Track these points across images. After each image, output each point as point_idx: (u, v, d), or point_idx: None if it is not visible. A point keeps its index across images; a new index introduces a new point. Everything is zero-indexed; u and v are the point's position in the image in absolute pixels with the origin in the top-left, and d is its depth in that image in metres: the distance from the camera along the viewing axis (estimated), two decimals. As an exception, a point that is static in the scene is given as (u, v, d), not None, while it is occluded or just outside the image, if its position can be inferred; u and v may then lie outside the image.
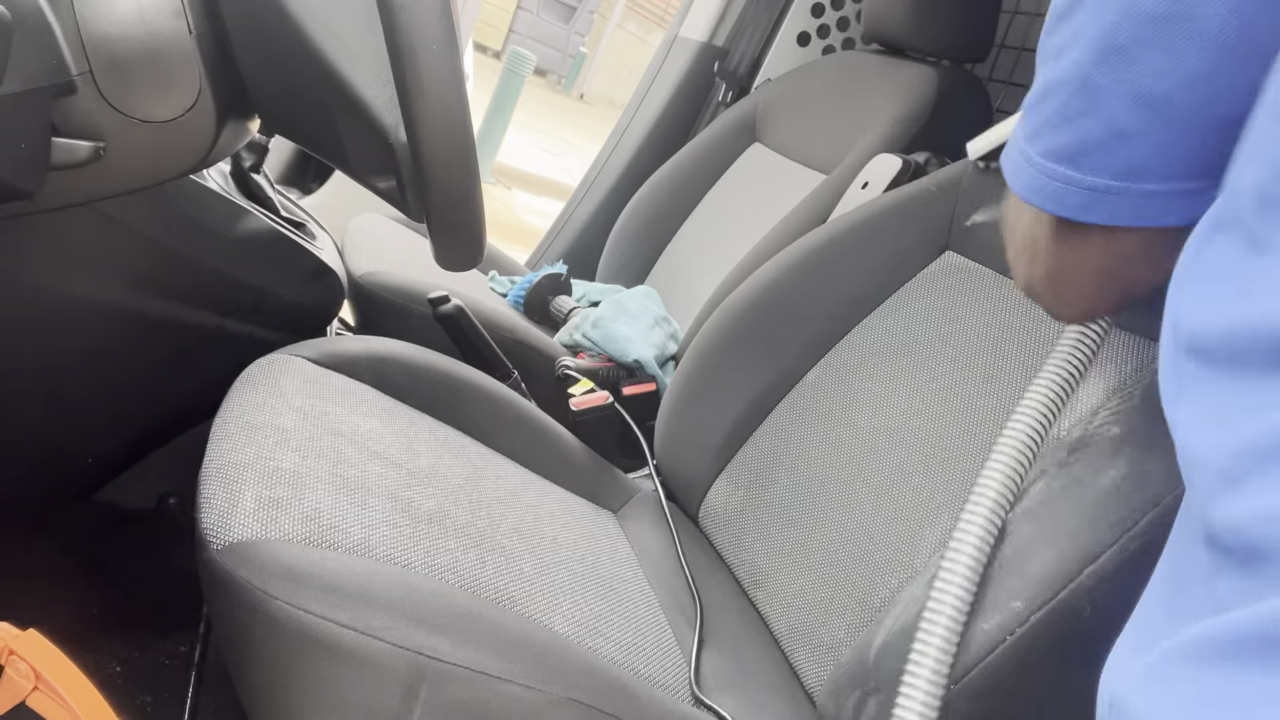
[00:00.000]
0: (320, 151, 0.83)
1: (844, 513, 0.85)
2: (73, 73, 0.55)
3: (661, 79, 1.83)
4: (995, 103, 1.50)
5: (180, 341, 0.93)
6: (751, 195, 1.56)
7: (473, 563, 0.68)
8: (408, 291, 1.23)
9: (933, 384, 0.85)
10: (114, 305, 0.82)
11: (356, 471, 0.70)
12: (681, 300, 1.52)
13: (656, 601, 0.83)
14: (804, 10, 1.73)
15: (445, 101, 0.60)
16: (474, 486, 0.80)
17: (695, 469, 1.01)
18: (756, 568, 0.91)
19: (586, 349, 1.32)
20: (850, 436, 0.89)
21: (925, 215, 0.94)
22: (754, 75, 1.77)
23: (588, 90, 15.51)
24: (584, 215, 1.88)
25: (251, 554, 0.56)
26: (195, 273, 0.88)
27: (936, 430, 0.82)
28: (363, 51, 0.66)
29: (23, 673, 0.48)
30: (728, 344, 1.00)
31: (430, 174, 0.63)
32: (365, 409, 0.80)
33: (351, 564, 0.59)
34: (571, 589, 0.75)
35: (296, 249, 0.99)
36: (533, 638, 0.61)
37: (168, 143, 0.64)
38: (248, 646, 0.56)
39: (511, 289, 1.51)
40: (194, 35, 0.62)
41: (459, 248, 0.70)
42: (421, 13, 0.57)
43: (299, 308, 1.06)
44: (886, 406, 0.87)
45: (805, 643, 0.82)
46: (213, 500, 0.61)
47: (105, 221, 0.75)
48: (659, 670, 0.72)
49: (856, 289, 0.96)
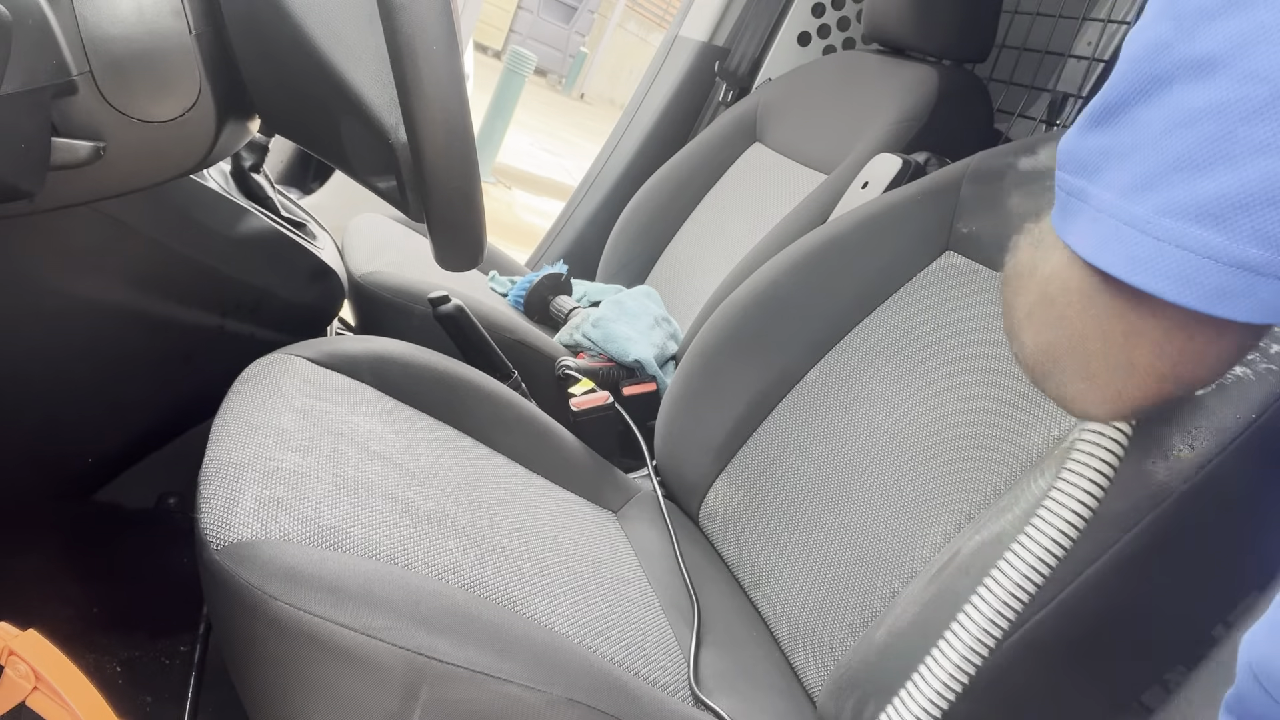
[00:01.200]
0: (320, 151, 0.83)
1: (844, 513, 0.85)
2: (73, 73, 0.55)
3: (662, 79, 1.83)
4: (995, 103, 1.50)
5: (180, 341, 0.93)
6: (752, 195, 1.56)
7: (473, 563, 0.68)
8: (408, 291, 1.23)
9: (933, 384, 0.85)
10: (114, 305, 0.82)
11: (356, 471, 0.70)
12: (682, 300, 1.52)
13: (657, 602, 0.83)
14: (804, 10, 1.73)
15: (446, 102, 0.60)
16: (474, 486, 0.80)
17: (695, 469, 1.01)
18: (756, 568, 0.91)
19: (587, 349, 1.32)
20: (851, 437, 0.89)
21: (925, 215, 0.94)
22: (754, 75, 1.77)
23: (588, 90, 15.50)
24: (584, 215, 1.88)
25: (251, 554, 0.56)
26: (195, 273, 0.88)
27: (937, 431, 0.82)
28: (363, 51, 0.66)
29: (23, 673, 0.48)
30: (728, 344, 1.00)
31: (430, 174, 0.63)
32: (365, 409, 0.80)
33: (351, 564, 0.59)
34: (571, 589, 0.75)
35: (297, 249, 0.99)
36: (533, 638, 0.61)
37: (168, 143, 0.64)
38: (248, 646, 0.56)
39: (511, 289, 1.51)
40: (194, 35, 0.62)
41: (459, 248, 0.70)
42: (422, 13, 0.57)
43: (299, 308, 1.06)
44: (887, 407, 0.87)
45: (805, 643, 0.82)
46: (213, 500, 0.61)
47: (106, 222, 0.75)
48: (659, 670, 0.72)
49: (857, 289, 0.96)
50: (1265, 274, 0.29)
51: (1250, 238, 0.28)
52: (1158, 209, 0.30)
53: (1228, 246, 0.29)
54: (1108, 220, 0.33)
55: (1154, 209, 0.31)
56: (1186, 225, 0.30)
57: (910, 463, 0.82)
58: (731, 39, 1.78)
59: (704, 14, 1.78)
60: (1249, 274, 0.29)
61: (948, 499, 0.77)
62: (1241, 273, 0.29)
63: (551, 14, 14.46)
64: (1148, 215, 0.31)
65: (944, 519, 0.76)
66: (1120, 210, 0.32)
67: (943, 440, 0.81)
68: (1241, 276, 0.29)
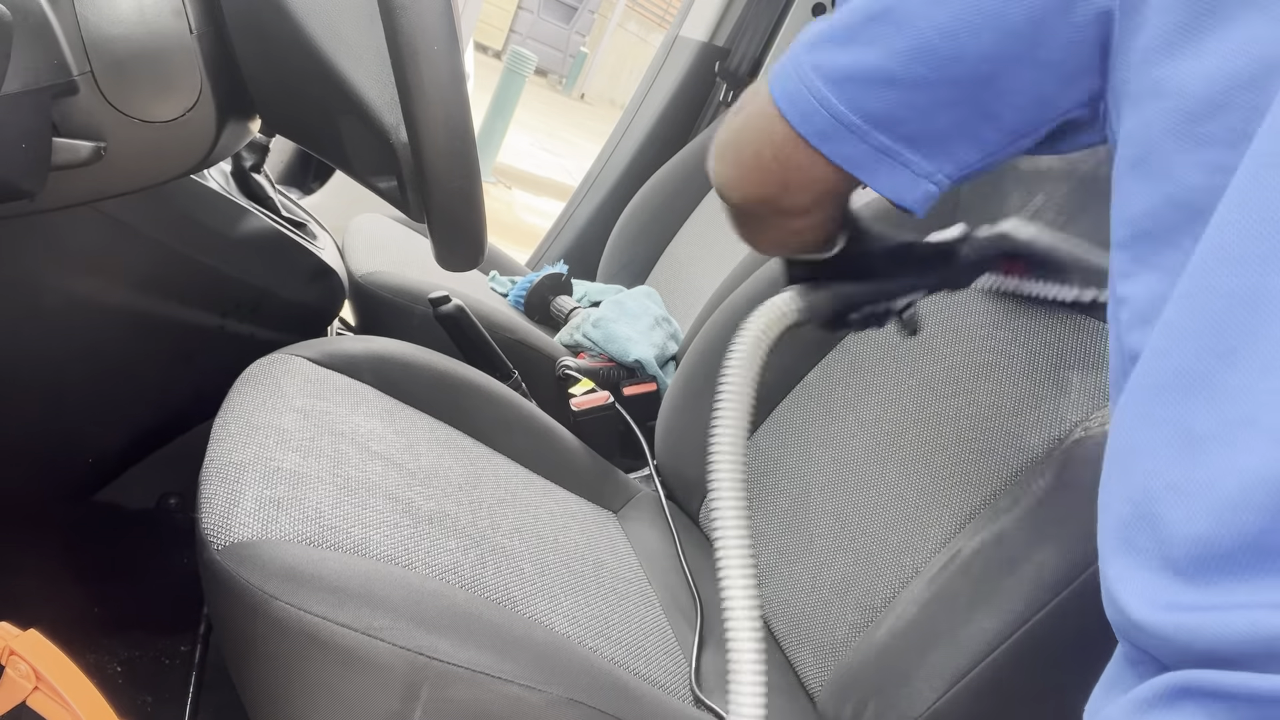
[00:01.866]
0: (321, 151, 0.83)
1: (845, 513, 0.85)
2: (74, 73, 0.55)
3: (662, 79, 1.83)
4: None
5: (180, 341, 0.93)
6: (752, 195, 1.55)
7: (473, 563, 0.68)
8: (408, 291, 1.23)
9: (933, 384, 0.85)
10: (115, 305, 0.82)
11: (357, 472, 0.70)
12: (682, 300, 1.52)
13: (657, 602, 0.83)
14: (804, 10, 1.73)
15: (446, 101, 0.60)
16: (475, 487, 0.80)
17: (695, 469, 1.01)
18: (757, 568, 0.91)
19: (587, 349, 1.32)
20: (851, 437, 0.89)
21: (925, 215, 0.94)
22: (755, 75, 1.77)
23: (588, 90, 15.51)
24: (584, 215, 1.88)
25: (252, 554, 0.56)
26: (196, 273, 0.88)
27: (937, 431, 0.82)
28: (364, 51, 0.66)
29: (23, 673, 0.48)
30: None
31: (431, 174, 0.63)
32: (366, 409, 0.80)
33: (352, 564, 0.59)
34: (572, 589, 0.75)
35: (297, 249, 0.99)
36: (534, 638, 0.61)
37: (169, 143, 0.64)
38: (248, 646, 0.56)
39: (512, 289, 1.51)
40: (195, 35, 0.62)
41: (460, 248, 0.70)
42: (423, 13, 0.57)
43: (299, 307, 1.06)
44: (887, 407, 0.87)
45: (806, 643, 0.82)
46: (213, 500, 0.61)
47: (106, 221, 0.75)
48: (660, 670, 0.72)
49: (857, 289, 0.96)
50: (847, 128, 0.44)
51: (845, 102, 0.44)
52: (812, 64, 0.45)
53: (832, 103, 0.44)
54: (787, 63, 0.47)
55: (809, 64, 0.45)
56: (819, 80, 0.44)
57: (911, 463, 0.82)
58: (732, 39, 1.78)
59: (704, 14, 1.78)
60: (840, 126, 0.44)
61: (948, 499, 0.77)
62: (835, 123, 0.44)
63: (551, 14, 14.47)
64: (805, 65, 0.45)
65: (944, 519, 0.76)
66: (796, 57, 0.46)
67: (943, 440, 0.81)
68: (834, 126, 0.44)
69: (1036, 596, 0.56)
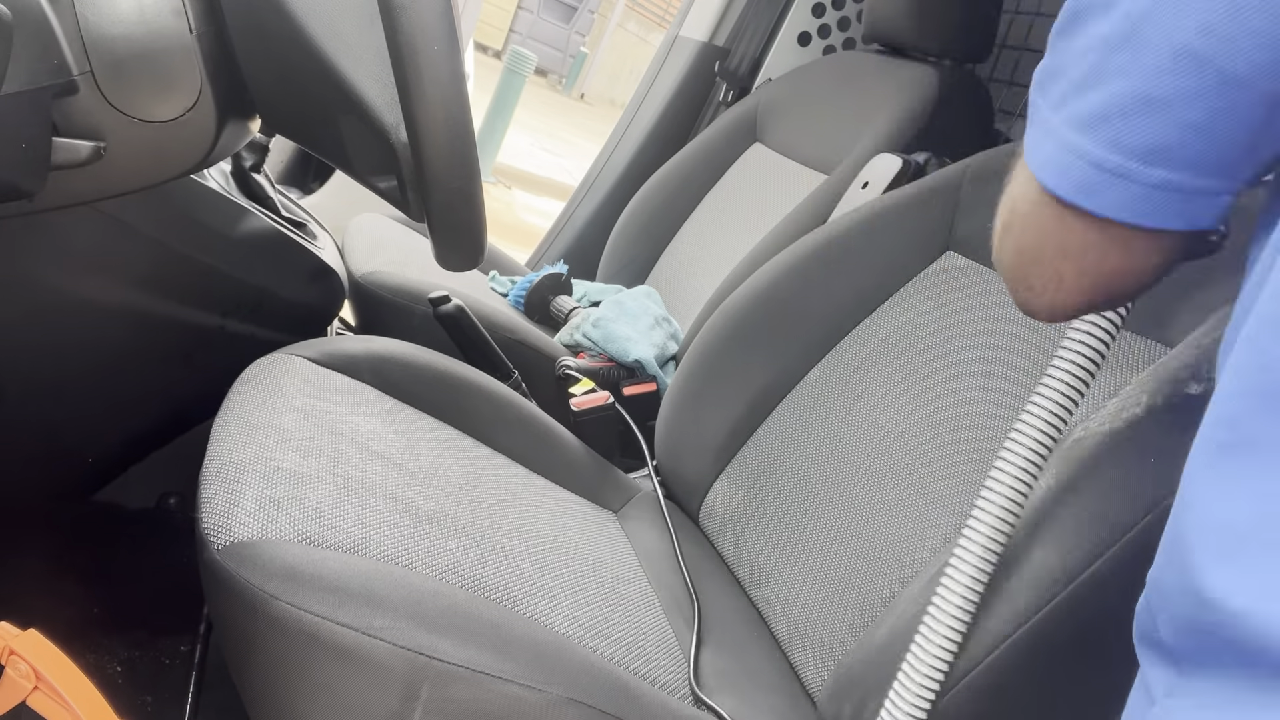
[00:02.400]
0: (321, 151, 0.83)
1: (845, 513, 0.85)
2: (74, 72, 0.55)
3: (662, 79, 1.83)
4: (996, 103, 1.50)
5: (181, 341, 0.93)
6: (752, 195, 1.56)
7: (473, 563, 0.68)
8: (408, 291, 1.23)
9: (934, 384, 0.85)
10: (115, 305, 0.82)
11: (357, 471, 0.70)
12: (682, 300, 1.52)
13: (657, 601, 0.83)
14: (805, 10, 1.73)
15: (446, 102, 0.60)
16: (474, 486, 0.80)
17: (695, 469, 1.01)
18: (757, 568, 0.91)
19: (587, 349, 1.32)
20: (851, 437, 0.89)
21: (925, 215, 0.94)
22: (755, 75, 1.77)
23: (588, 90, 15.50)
24: (584, 215, 1.88)
25: (252, 554, 0.56)
26: (196, 272, 0.88)
27: (937, 431, 0.82)
28: (364, 51, 0.66)
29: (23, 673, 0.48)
30: (728, 344, 1.00)
31: (431, 174, 0.63)
32: (366, 409, 0.80)
33: (352, 564, 0.59)
34: (572, 589, 0.75)
35: (297, 249, 0.99)
36: (533, 638, 0.61)
37: (169, 142, 0.64)
38: (249, 646, 0.56)
39: (512, 289, 1.51)
40: (195, 35, 0.62)
41: (459, 248, 0.70)
42: (423, 13, 0.57)
43: (299, 307, 1.06)
44: (887, 407, 0.87)
45: (806, 643, 0.82)
46: (213, 500, 0.61)
47: (106, 221, 0.75)
48: (659, 670, 0.72)
49: (857, 289, 0.96)
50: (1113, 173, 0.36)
51: (1105, 144, 0.36)
52: (1065, 120, 0.38)
53: (1090, 150, 0.37)
54: (1038, 129, 0.40)
55: (1062, 120, 0.38)
56: (1071, 132, 0.38)
57: (911, 462, 0.82)
58: (732, 39, 1.78)
59: (704, 14, 1.78)
60: (1104, 173, 0.37)
61: (948, 499, 0.77)
62: (1099, 171, 0.37)
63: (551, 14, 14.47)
64: (1057, 125, 0.39)
65: (945, 519, 0.76)
66: (1046, 120, 0.39)
67: (943, 440, 0.81)
68: (1099, 175, 0.37)
69: (1036, 596, 0.56)
